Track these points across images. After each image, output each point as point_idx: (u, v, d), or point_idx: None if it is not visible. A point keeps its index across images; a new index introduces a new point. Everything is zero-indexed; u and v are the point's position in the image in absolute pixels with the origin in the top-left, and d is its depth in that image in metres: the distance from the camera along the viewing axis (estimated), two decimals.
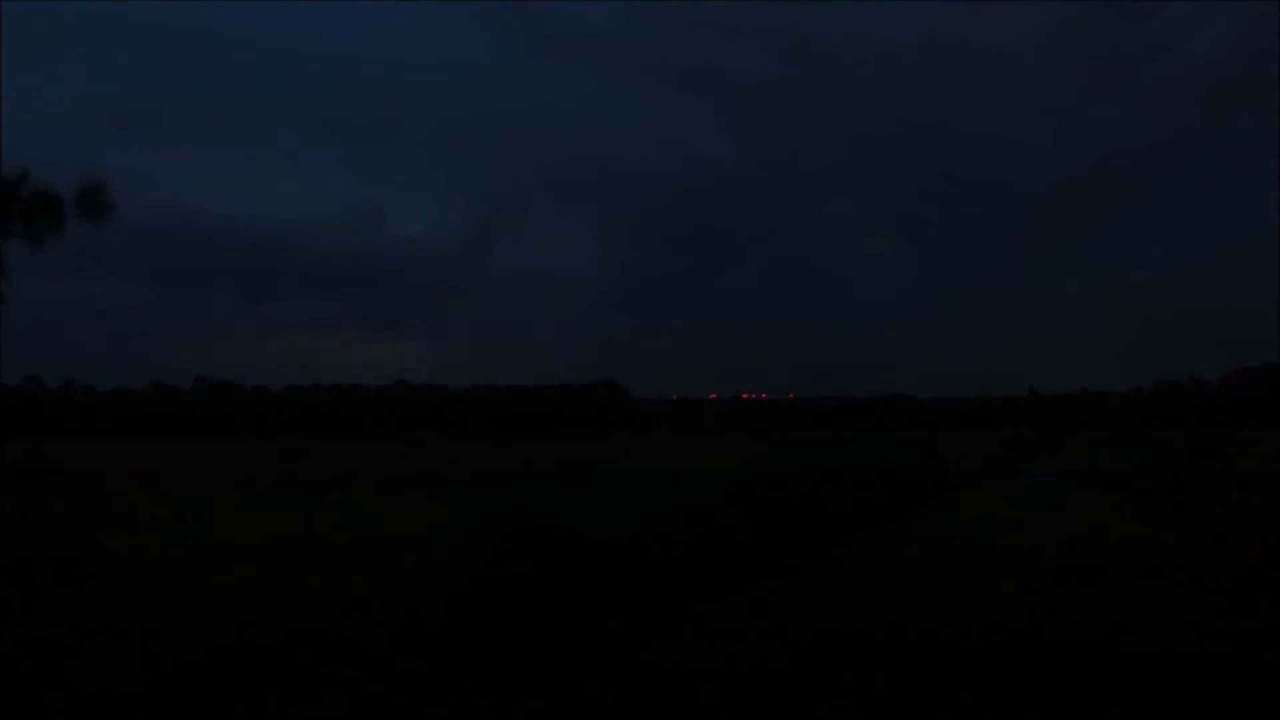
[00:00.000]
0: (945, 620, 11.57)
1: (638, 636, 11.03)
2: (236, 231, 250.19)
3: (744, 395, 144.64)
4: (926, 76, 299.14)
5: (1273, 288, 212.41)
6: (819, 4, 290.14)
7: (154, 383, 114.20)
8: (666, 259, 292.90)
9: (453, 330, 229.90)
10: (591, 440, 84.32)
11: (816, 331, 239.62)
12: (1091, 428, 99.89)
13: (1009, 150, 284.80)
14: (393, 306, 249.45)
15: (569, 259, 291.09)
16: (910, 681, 9.01)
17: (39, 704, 8.54)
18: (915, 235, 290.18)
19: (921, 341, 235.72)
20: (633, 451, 61.30)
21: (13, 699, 8.73)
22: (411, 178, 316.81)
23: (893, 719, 8.06)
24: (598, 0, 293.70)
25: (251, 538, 19.72)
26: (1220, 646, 9.96)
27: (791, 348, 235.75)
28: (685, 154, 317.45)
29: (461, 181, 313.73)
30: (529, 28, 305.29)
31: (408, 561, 16.21)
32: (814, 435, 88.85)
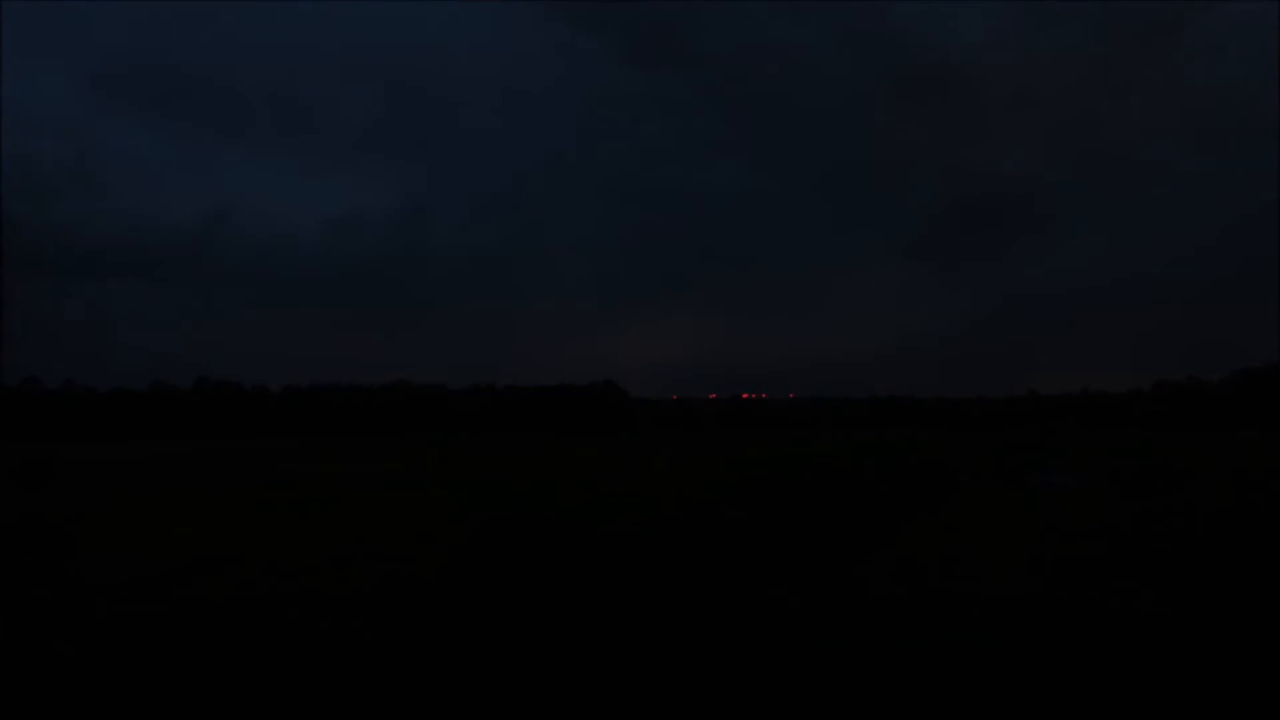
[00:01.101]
0: (949, 601, 11.65)
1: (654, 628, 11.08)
2: (239, 229, 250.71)
3: (744, 395, 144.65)
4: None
5: (1273, 288, 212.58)
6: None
7: (154, 383, 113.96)
8: (669, 257, 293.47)
9: (454, 329, 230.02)
10: (591, 439, 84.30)
11: (815, 331, 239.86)
12: (1091, 427, 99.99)
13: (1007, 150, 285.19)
14: (391, 305, 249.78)
15: (571, 259, 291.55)
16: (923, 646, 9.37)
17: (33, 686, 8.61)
18: (912, 235, 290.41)
19: (922, 342, 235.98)
20: (632, 450, 61.31)
21: (10, 692, 8.79)
22: (415, 178, 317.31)
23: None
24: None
25: (249, 535, 19.75)
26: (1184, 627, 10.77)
27: (791, 348, 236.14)
28: (691, 153, 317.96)
29: (467, 182, 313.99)
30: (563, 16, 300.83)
31: (406, 557, 16.25)
32: (813, 435, 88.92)
